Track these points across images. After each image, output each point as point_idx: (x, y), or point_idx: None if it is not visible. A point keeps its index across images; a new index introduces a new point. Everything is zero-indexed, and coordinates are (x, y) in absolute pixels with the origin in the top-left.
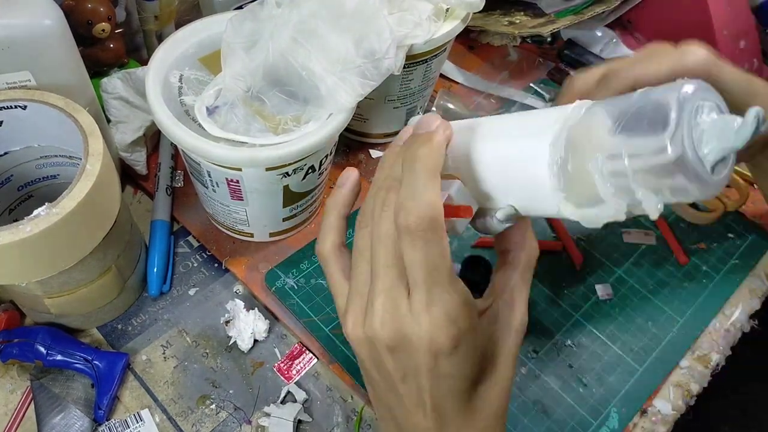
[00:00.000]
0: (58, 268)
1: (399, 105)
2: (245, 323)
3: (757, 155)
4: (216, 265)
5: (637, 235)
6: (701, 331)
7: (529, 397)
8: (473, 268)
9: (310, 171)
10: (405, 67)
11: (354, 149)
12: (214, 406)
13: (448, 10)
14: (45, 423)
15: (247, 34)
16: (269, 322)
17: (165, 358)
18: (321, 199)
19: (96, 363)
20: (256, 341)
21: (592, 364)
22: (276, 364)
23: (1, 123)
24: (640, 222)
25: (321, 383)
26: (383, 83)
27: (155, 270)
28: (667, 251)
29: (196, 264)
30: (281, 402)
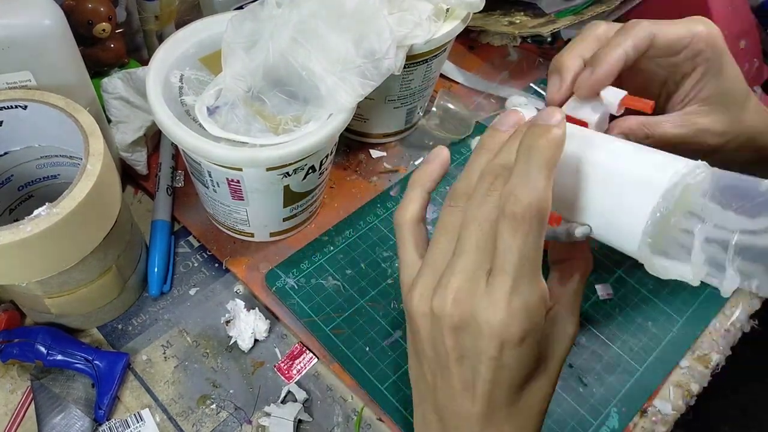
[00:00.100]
0: (58, 268)
1: (399, 105)
2: (246, 323)
3: None
4: (216, 265)
5: None
6: (701, 331)
7: None
8: None
9: (310, 171)
10: (405, 67)
11: (354, 149)
12: (214, 405)
13: (448, 10)
14: (45, 423)
15: (248, 34)
16: (270, 322)
17: (165, 357)
18: (321, 200)
19: (96, 363)
20: (256, 341)
21: (592, 363)
22: (276, 363)
23: (2, 123)
24: None
25: (321, 383)
26: (383, 83)
27: (156, 270)
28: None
29: (196, 264)
30: (281, 402)
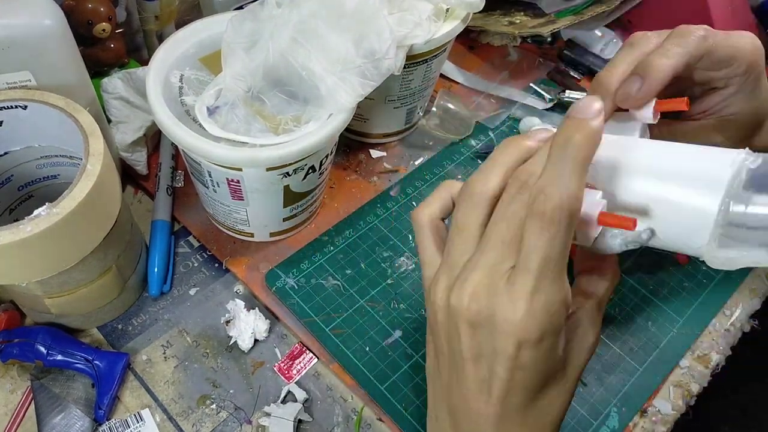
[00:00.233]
0: (58, 268)
1: (399, 105)
2: (246, 323)
3: None
4: (216, 265)
5: None
6: (701, 331)
7: None
8: None
9: (310, 171)
10: (405, 67)
11: (354, 149)
12: (214, 405)
13: (448, 10)
14: (45, 423)
15: (248, 34)
16: (269, 322)
17: (165, 357)
18: (321, 200)
19: (96, 363)
20: (256, 341)
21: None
22: (276, 363)
23: (2, 123)
24: None
25: (321, 383)
26: (383, 83)
27: (156, 270)
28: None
29: (196, 264)
30: (281, 402)
